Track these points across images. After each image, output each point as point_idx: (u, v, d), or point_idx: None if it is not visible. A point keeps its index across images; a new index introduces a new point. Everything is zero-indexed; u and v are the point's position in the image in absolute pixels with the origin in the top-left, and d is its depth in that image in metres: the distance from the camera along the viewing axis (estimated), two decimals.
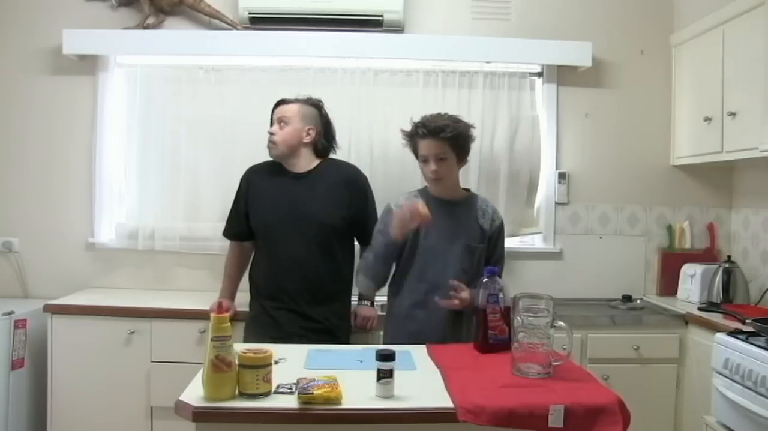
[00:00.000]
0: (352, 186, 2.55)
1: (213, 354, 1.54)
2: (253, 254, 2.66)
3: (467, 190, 2.47)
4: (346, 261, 2.57)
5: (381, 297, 2.80)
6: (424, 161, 2.30)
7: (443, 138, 2.23)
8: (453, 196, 2.38)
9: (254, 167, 2.65)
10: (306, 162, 2.55)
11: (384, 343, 2.36)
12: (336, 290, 2.51)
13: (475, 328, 2.09)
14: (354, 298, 2.69)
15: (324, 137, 2.60)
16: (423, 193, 2.38)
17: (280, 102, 2.60)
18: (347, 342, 2.49)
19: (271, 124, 2.57)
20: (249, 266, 2.66)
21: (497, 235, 2.40)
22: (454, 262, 2.28)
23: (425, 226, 2.22)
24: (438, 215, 2.25)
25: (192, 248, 3.21)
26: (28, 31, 3.24)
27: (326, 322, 2.46)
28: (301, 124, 2.53)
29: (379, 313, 2.74)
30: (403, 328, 2.31)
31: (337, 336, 2.45)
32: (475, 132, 2.39)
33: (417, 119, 2.33)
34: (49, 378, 2.81)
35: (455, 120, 2.31)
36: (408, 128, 2.34)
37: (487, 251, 2.37)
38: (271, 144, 2.51)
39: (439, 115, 2.32)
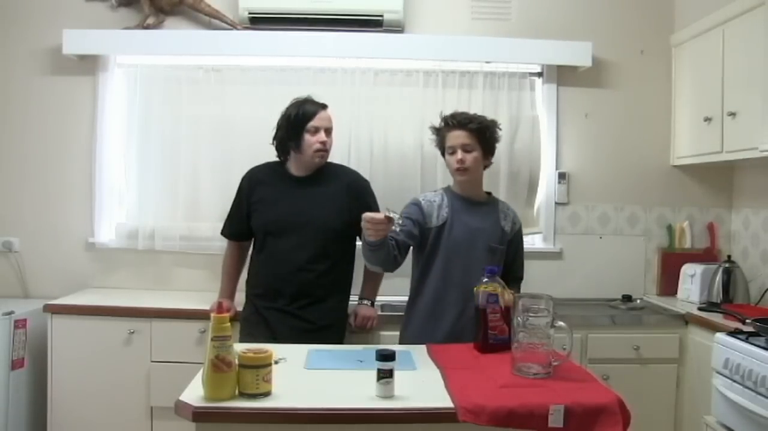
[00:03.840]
0: (353, 190, 2.55)
1: (213, 354, 1.54)
2: (249, 253, 2.66)
3: (488, 193, 2.48)
4: (345, 261, 2.56)
5: (381, 298, 2.81)
6: (451, 152, 2.33)
7: (470, 129, 2.30)
8: (477, 195, 2.40)
9: (255, 168, 2.64)
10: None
11: (401, 343, 2.33)
12: (332, 291, 2.49)
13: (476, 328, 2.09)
14: (354, 298, 2.69)
15: None
16: (447, 191, 2.41)
17: (324, 107, 2.54)
18: (340, 342, 2.48)
19: (311, 129, 2.46)
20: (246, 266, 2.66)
21: (518, 239, 2.46)
22: (477, 261, 2.26)
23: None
24: (462, 213, 2.32)
25: (192, 248, 3.21)
26: (28, 31, 3.24)
27: (318, 322, 2.45)
28: None
29: (379, 313, 2.74)
30: (427, 327, 2.28)
31: (328, 336, 2.42)
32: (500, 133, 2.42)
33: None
34: (49, 378, 2.81)
35: (483, 117, 2.39)
36: (432, 124, 2.41)
37: (507, 255, 2.39)
38: (324, 153, 2.50)
39: (467, 112, 2.41)
